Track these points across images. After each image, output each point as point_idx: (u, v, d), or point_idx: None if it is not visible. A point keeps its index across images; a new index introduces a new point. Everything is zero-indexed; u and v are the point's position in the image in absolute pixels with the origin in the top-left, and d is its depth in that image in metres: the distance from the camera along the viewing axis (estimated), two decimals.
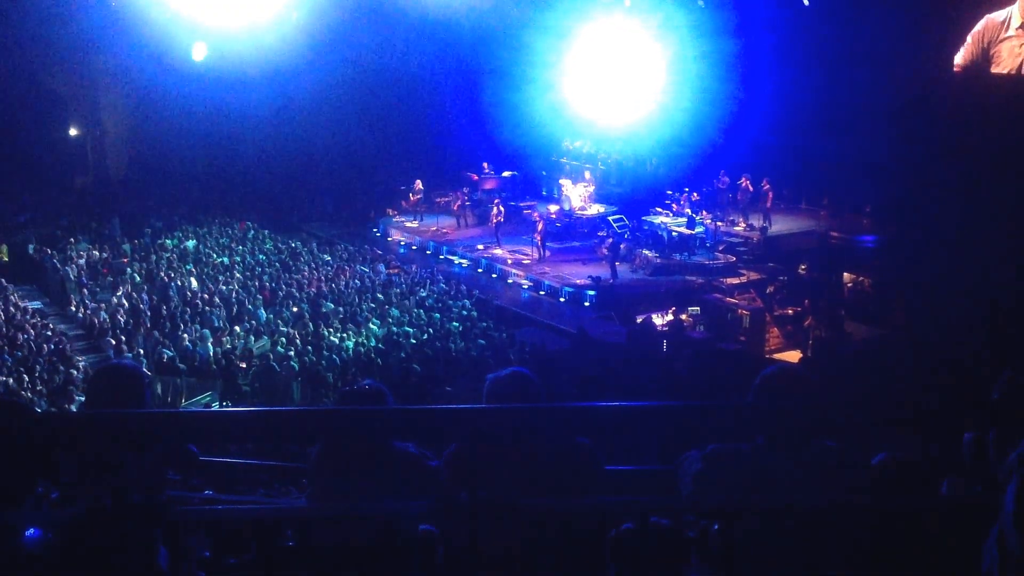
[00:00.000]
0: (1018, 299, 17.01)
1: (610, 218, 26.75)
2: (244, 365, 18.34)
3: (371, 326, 20.12)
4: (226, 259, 26.07)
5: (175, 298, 22.13)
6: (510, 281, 25.08)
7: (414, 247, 28.85)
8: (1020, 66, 19.93)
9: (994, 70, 20.32)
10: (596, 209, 28.40)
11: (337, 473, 3.89)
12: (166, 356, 18.51)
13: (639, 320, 21.06)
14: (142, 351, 18.73)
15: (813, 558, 3.11)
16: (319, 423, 3.27)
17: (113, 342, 19.22)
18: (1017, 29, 19.76)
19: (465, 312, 21.26)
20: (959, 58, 20.59)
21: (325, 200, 33.32)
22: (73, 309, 22.59)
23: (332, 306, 21.32)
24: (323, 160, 34.07)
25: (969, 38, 20.27)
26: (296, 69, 30.98)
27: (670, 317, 21.28)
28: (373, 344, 19.20)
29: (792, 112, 24.74)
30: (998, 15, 20.01)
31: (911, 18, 20.60)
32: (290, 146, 34.07)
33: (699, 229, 24.86)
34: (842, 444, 3.67)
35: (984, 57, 20.22)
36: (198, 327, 20.01)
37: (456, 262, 26.91)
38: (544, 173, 32.48)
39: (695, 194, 26.03)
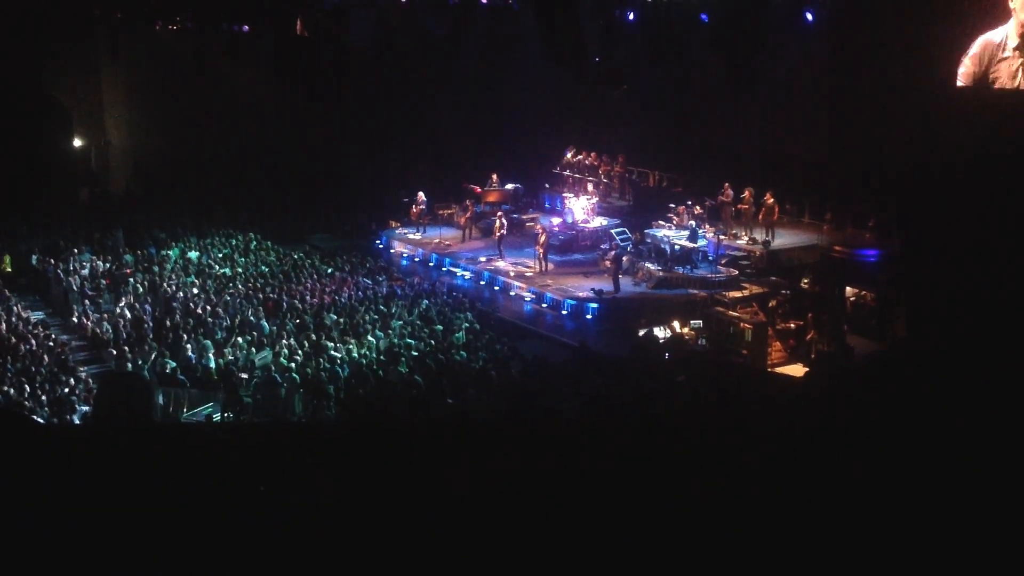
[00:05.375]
0: (1021, 313, 16.99)
1: (613, 231, 26.78)
2: (246, 376, 18.33)
3: (372, 338, 20.12)
4: (228, 270, 26.10)
5: (178, 309, 22.14)
6: (512, 294, 25.08)
7: (416, 259, 28.87)
8: (1018, 84, 19.97)
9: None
10: (599, 222, 28.43)
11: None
12: (168, 367, 18.51)
13: (641, 333, 21.04)
14: (144, 362, 18.72)
15: None
16: (320, 435, 3.27)
17: (115, 353, 19.22)
18: (1013, 50, 19.82)
19: (467, 324, 21.25)
20: (961, 78, 20.64)
21: (328, 212, 33.37)
22: (76, 320, 22.60)
23: (334, 318, 21.32)
24: (326, 172, 34.16)
25: (968, 60, 20.32)
26: (299, 79, 31.10)
27: (672, 330, 21.29)
28: (375, 356, 19.20)
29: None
30: (994, 35, 20.05)
31: (913, 34, 20.65)
32: (293, 157, 34.20)
33: (702, 242, 24.85)
34: None
35: (984, 78, 20.28)
36: (200, 338, 20.01)
37: (459, 274, 26.92)
38: (548, 186, 32.58)
39: (698, 207, 26.04)
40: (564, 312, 23.48)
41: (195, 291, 23.82)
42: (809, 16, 24.51)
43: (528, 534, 3.73)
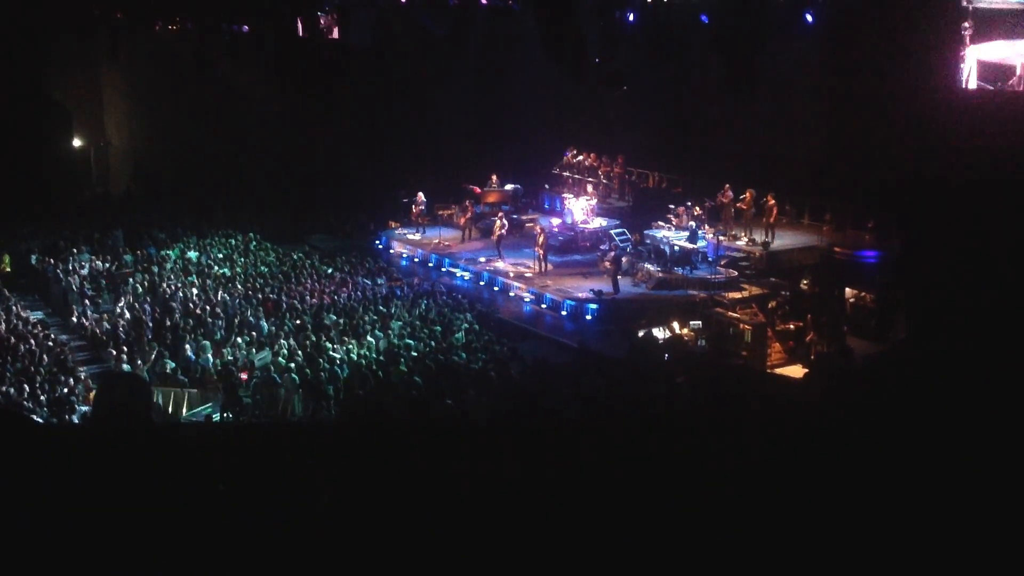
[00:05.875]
0: (1021, 314, 16.99)
1: (612, 231, 26.77)
2: (245, 377, 18.32)
3: (372, 339, 20.12)
4: (228, 270, 26.10)
5: (177, 309, 22.14)
6: (512, 294, 25.07)
7: (416, 259, 28.86)
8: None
9: None
10: (599, 222, 28.42)
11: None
12: (167, 367, 18.51)
13: (640, 334, 21.03)
14: (143, 362, 18.73)
15: None
16: (319, 435, 3.27)
17: (115, 353, 19.22)
18: None
19: (466, 325, 21.26)
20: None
21: (327, 212, 33.37)
22: (75, 320, 22.60)
23: (334, 318, 21.32)
24: (325, 172, 34.18)
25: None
26: (299, 80, 31.08)
27: (671, 331, 21.29)
28: (374, 357, 19.19)
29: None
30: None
31: (912, 36, 20.67)
32: (292, 158, 34.20)
33: (701, 243, 24.84)
34: None
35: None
36: (200, 338, 20.01)
37: (458, 275, 26.91)
38: (547, 186, 32.58)
39: (697, 208, 26.04)
40: (564, 313, 23.46)
41: (194, 291, 23.82)
42: (809, 17, 24.49)
43: (528, 534, 3.73)
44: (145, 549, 3.38)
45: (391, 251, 29.97)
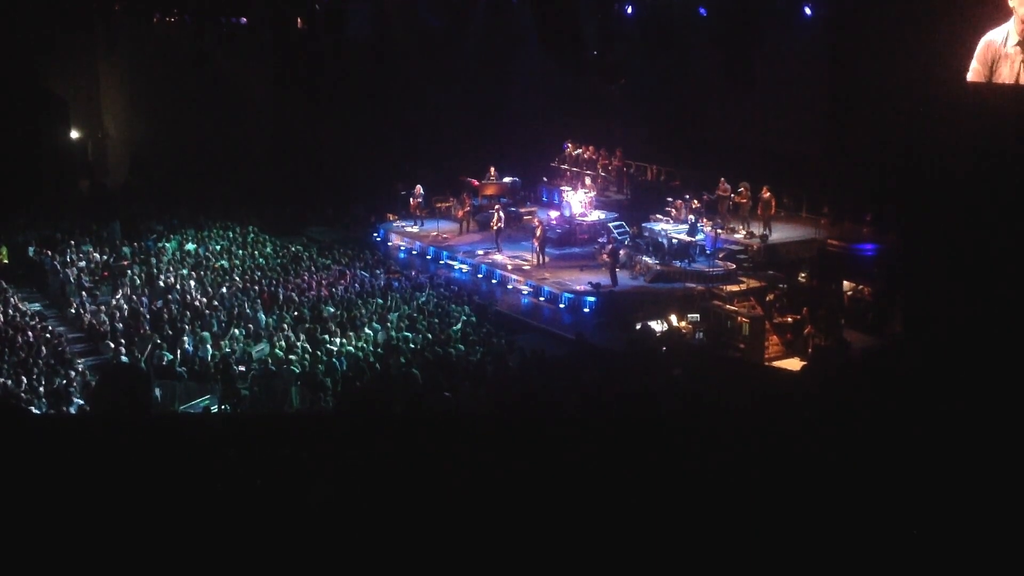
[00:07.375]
0: (1018, 308, 17.02)
1: (610, 224, 26.78)
2: (243, 369, 18.31)
3: (370, 331, 20.13)
4: (226, 262, 26.09)
5: (174, 301, 22.14)
6: (510, 287, 25.09)
7: (414, 252, 28.86)
8: (1017, 79, 19.96)
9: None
10: (597, 215, 28.45)
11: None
12: (165, 359, 18.50)
13: (638, 327, 21.06)
14: (141, 354, 18.72)
15: None
16: (317, 427, 3.28)
17: (112, 345, 19.22)
18: (1015, 46, 19.83)
19: (464, 317, 21.27)
20: (969, 75, 20.65)
21: (326, 205, 33.36)
22: (73, 311, 22.59)
23: (332, 310, 21.33)
24: (323, 164, 34.16)
25: (975, 61, 20.33)
26: (297, 72, 31.05)
27: (669, 324, 21.32)
28: (372, 349, 19.20)
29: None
30: (996, 35, 20.05)
31: (911, 29, 20.65)
32: (291, 150, 34.18)
33: (699, 236, 24.85)
34: None
35: (989, 76, 20.28)
36: (197, 330, 20.00)
37: (456, 267, 26.93)
38: (545, 179, 32.59)
39: (696, 201, 26.05)
40: (561, 306, 23.49)
41: (192, 283, 23.82)
42: (808, 11, 24.50)
43: (525, 527, 3.74)
44: (143, 539, 3.39)
45: (389, 243, 29.97)
